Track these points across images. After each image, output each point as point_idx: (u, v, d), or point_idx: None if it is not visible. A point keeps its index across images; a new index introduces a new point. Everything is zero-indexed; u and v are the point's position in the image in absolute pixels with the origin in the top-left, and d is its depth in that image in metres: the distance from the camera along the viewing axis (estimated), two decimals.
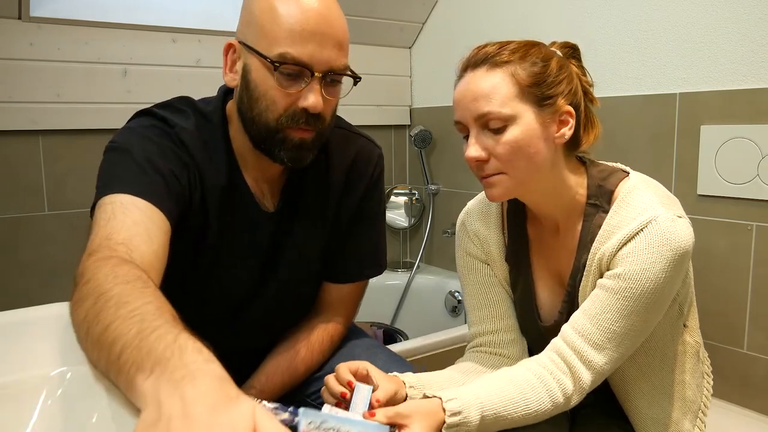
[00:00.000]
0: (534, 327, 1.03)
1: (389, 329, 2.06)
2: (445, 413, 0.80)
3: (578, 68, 0.94)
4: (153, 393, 0.46)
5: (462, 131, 0.92)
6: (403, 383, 0.89)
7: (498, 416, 0.84)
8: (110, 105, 1.78)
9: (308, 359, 1.06)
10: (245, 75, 0.89)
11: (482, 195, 1.05)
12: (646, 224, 0.85)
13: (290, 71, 0.86)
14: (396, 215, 2.47)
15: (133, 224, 0.77)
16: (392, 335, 2.00)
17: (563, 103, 0.89)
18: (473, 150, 0.88)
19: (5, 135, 1.66)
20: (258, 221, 1.00)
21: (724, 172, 1.46)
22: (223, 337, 0.80)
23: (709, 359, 1.09)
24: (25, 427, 0.58)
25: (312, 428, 0.66)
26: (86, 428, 0.56)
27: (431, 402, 0.82)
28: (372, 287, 1.17)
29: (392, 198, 2.46)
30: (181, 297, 0.69)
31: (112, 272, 0.64)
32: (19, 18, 1.63)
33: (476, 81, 0.88)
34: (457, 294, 2.21)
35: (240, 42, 0.90)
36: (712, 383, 1.07)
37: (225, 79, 0.94)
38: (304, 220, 1.03)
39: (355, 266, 1.11)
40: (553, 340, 0.91)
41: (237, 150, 0.97)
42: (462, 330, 1.69)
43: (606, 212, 0.91)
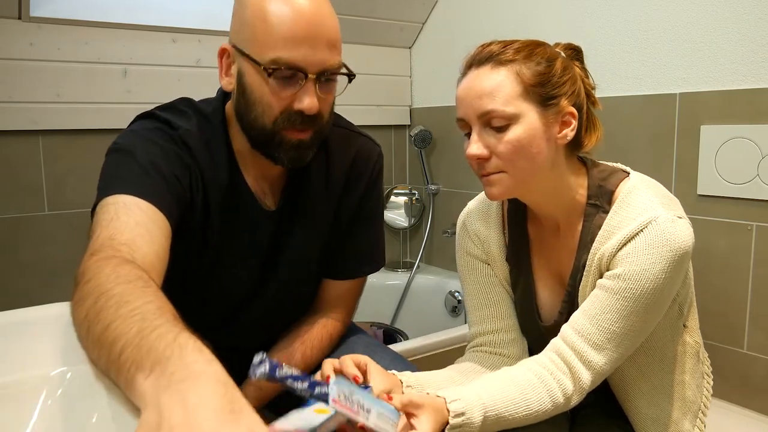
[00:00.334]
0: (534, 327, 1.03)
1: (389, 329, 2.06)
2: (449, 414, 0.80)
3: (581, 70, 0.94)
4: (153, 394, 0.46)
5: (464, 128, 0.92)
6: (401, 382, 0.89)
7: (500, 416, 0.84)
8: (110, 105, 1.78)
9: (307, 357, 1.05)
10: (240, 79, 0.90)
11: (483, 195, 1.05)
12: (646, 225, 0.85)
13: (284, 75, 0.86)
14: (396, 215, 2.47)
15: (136, 225, 0.77)
16: (392, 335, 2.00)
17: (566, 104, 0.89)
18: (475, 148, 0.88)
19: (5, 135, 1.66)
20: (258, 221, 1.00)
21: (724, 172, 1.46)
22: (223, 337, 0.80)
23: (709, 359, 1.09)
24: (25, 427, 0.58)
25: (341, 398, 0.68)
26: (86, 428, 0.56)
27: (438, 399, 0.82)
28: (372, 287, 1.17)
29: (392, 198, 2.46)
30: (182, 297, 0.69)
31: (114, 272, 0.64)
32: (19, 18, 1.63)
33: (480, 78, 0.88)
34: (457, 294, 2.21)
35: (233, 46, 0.90)
36: (712, 383, 1.07)
37: (221, 83, 0.94)
38: (305, 220, 1.03)
39: (354, 263, 1.11)
40: (553, 340, 0.91)
41: (237, 150, 0.97)
42: (462, 330, 1.69)
43: (606, 212, 0.91)
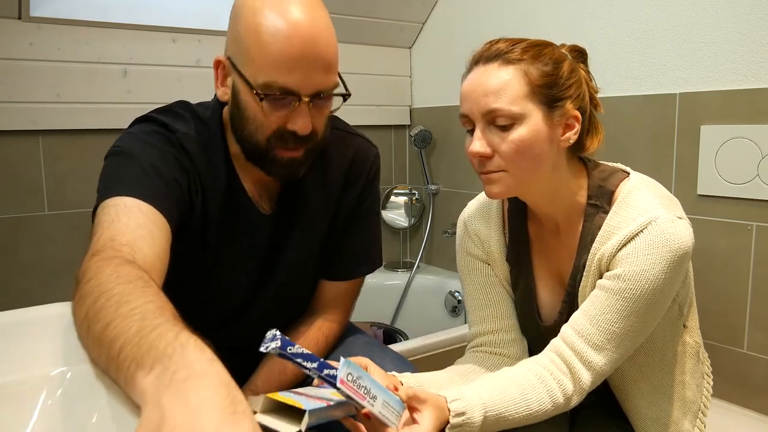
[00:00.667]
0: (534, 327, 1.03)
1: (389, 329, 2.06)
2: (450, 413, 0.80)
3: (586, 73, 0.94)
4: (154, 392, 0.46)
5: (466, 125, 0.91)
6: (401, 383, 0.89)
7: (500, 417, 0.84)
8: (110, 105, 1.78)
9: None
10: (235, 94, 0.89)
11: (483, 195, 1.05)
12: (646, 225, 0.85)
13: (277, 98, 0.85)
14: (396, 215, 2.47)
15: (137, 227, 0.77)
16: (392, 335, 2.00)
17: (571, 107, 0.88)
18: (478, 145, 0.88)
19: (5, 135, 1.66)
20: (256, 224, 1.00)
21: (724, 172, 1.46)
22: (222, 337, 0.80)
23: (709, 359, 1.09)
24: (25, 427, 0.57)
25: (349, 379, 0.68)
26: (86, 428, 0.56)
27: (440, 398, 0.82)
28: (372, 287, 1.17)
29: (392, 198, 2.46)
30: (181, 299, 0.69)
31: (115, 272, 0.64)
32: (19, 18, 1.63)
33: (488, 76, 0.87)
34: (457, 294, 2.21)
35: (228, 59, 0.90)
36: (712, 383, 1.07)
37: (217, 93, 0.94)
38: (302, 222, 1.03)
39: (351, 264, 1.11)
40: (553, 341, 0.91)
41: (234, 154, 0.97)
42: (462, 330, 1.69)
43: (606, 213, 0.91)
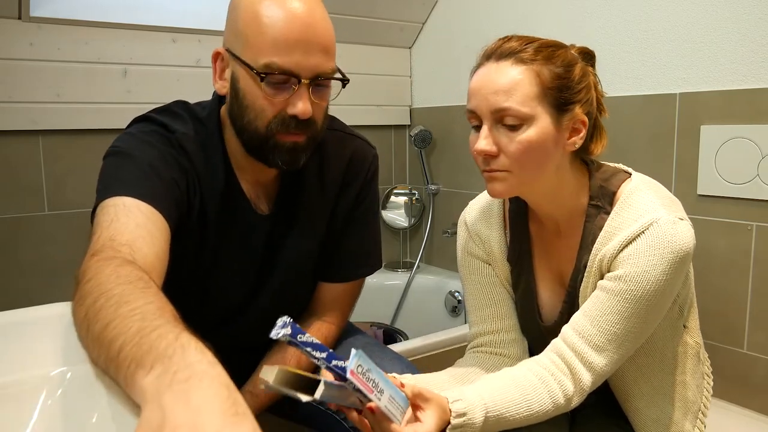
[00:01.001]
0: (535, 327, 1.03)
1: (389, 329, 2.05)
2: (451, 414, 0.80)
3: (594, 77, 0.93)
4: (154, 392, 0.46)
5: (473, 120, 0.90)
6: (401, 385, 0.89)
7: (501, 417, 0.84)
8: (110, 105, 1.78)
9: (301, 361, 1.05)
10: (234, 84, 0.90)
11: (484, 195, 1.05)
12: (648, 226, 0.85)
13: (277, 80, 0.86)
14: (396, 215, 2.47)
15: (136, 226, 0.77)
16: (392, 335, 2.00)
17: (580, 112, 0.88)
18: (484, 143, 0.86)
19: (5, 135, 1.66)
20: (254, 224, 1.00)
21: (724, 172, 1.46)
22: (221, 338, 0.80)
23: (709, 359, 1.09)
24: (25, 427, 0.57)
25: (359, 371, 0.68)
26: (86, 428, 0.56)
27: (443, 398, 0.82)
28: (372, 287, 1.17)
29: (392, 198, 2.45)
30: (179, 299, 0.69)
31: (115, 272, 0.64)
32: (19, 18, 1.63)
33: (499, 74, 0.86)
34: (457, 294, 2.21)
35: (227, 50, 0.90)
36: (712, 383, 1.07)
37: (215, 87, 0.94)
38: (300, 222, 1.03)
39: (350, 266, 1.11)
40: (554, 341, 0.91)
41: (232, 154, 0.97)
42: (462, 330, 1.69)
43: (607, 213, 0.91)
